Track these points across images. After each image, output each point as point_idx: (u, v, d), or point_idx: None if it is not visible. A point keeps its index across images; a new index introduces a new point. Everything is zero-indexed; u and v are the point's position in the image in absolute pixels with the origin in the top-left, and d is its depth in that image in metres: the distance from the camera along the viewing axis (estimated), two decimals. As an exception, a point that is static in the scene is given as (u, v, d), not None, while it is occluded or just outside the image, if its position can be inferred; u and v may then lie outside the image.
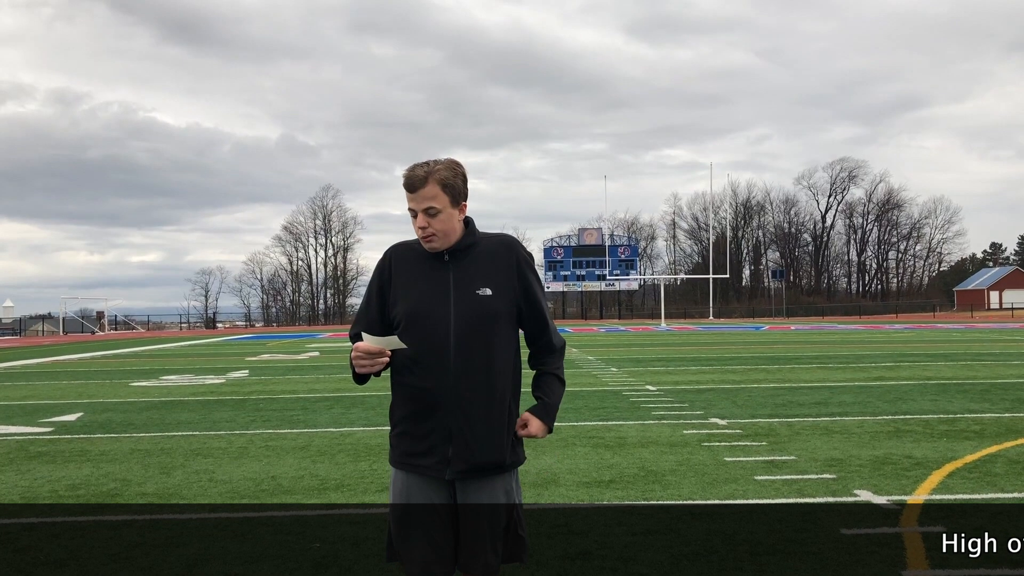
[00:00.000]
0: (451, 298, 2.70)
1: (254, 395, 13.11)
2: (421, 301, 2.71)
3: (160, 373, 18.29)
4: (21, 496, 6.13)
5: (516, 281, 2.76)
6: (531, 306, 2.80)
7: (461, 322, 2.68)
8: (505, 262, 2.76)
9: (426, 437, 2.70)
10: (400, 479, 2.79)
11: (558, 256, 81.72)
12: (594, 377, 15.24)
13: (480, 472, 2.72)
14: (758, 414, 9.83)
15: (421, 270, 2.76)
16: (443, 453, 2.69)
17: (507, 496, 2.79)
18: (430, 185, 2.68)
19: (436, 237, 2.71)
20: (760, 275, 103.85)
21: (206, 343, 37.02)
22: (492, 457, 2.72)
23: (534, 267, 2.85)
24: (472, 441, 2.68)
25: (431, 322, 2.68)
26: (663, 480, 6.28)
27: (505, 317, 2.74)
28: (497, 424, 2.72)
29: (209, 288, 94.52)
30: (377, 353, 2.60)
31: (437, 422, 2.68)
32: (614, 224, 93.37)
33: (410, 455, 2.74)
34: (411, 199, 2.70)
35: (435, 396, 2.67)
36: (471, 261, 2.75)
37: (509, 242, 2.83)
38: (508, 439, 2.75)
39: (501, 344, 2.73)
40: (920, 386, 12.79)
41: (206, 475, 6.78)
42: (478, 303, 2.69)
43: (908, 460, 6.92)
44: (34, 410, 11.51)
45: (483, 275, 2.73)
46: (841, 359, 19.09)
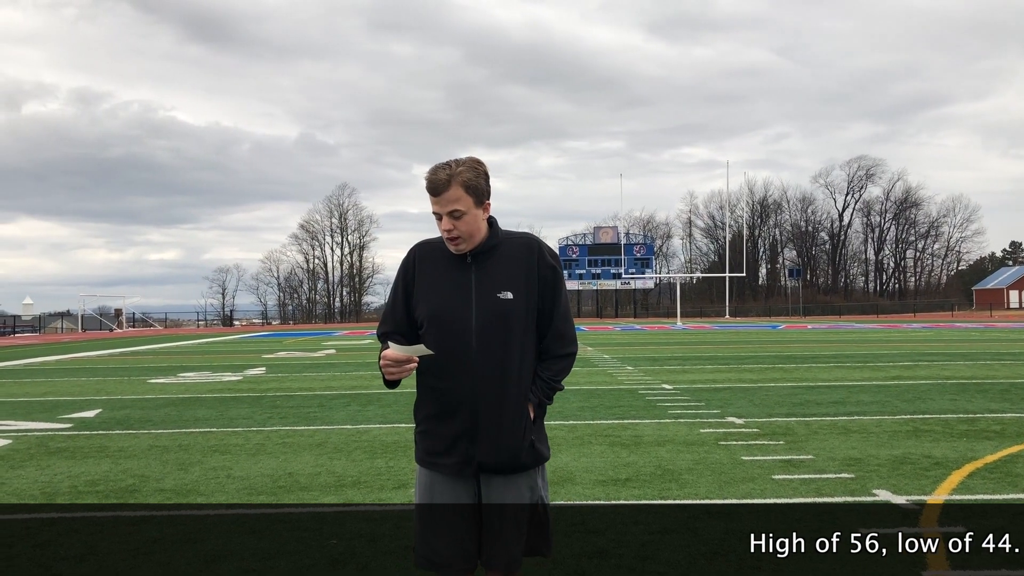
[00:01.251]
0: (473, 300, 2.70)
1: (271, 392, 13.16)
2: (444, 303, 2.72)
3: (178, 370, 18.39)
4: (41, 491, 6.18)
5: (537, 282, 2.76)
6: (543, 306, 2.79)
7: (482, 324, 2.68)
8: (527, 264, 2.76)
9: (449, 436, 2.72)
10: (424, 476, 2.80)
11: (573, 255, 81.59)
12: (610, 376, 15.21)
13: (504, 470, 2.72)
14: (775, 413, 9.78)
15: (445, 271, 2.76)
16: (466, 452, 2.70)
17: (531, 493, 2.79)
18: (453, 188, 2.66)
19: (461, 239, 2.70)
20: (777, 274, 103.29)
21: (223, 340, 37.22)
22: (515, 456, 2.73)
23: (557, 267, 2.82)
24: (495, 441, 2.69)
25: (453, 324, 2.69)
26: (680, 479, 6.25)
27: (525, 320, 2.74)
28: (519, 424, 2.73)
29: (226, 286, 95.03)
30: (404, 360, 2.61)
31: (460, 421, 2.70)
32: (630, 222, 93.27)
33: (433, 453, 2.76)
34: (435, 203, 2.69)
35: (458, 396, 2.69)
36: (493, 263, 2.75)
37: (532, 243, 2.81)
38: (530, 437, 2.76)
39: (522, 345, 2.74)
40: (939, 385, 12.69)
41: (223, 471, 6.81)
42: (499, 306, 2.70)
43: (927, 460, 6.86)
44: (54, 406, 11.60)
45: (505, 278, 2.73)
46: (859, 358, 18.97)
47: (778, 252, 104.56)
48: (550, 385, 2.83)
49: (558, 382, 2.87)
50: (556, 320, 2.82)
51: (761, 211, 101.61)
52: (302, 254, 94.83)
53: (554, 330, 2.82)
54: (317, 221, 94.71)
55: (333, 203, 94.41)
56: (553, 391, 2.86)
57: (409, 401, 2.96)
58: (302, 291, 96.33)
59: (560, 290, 2.82)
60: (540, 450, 2.81)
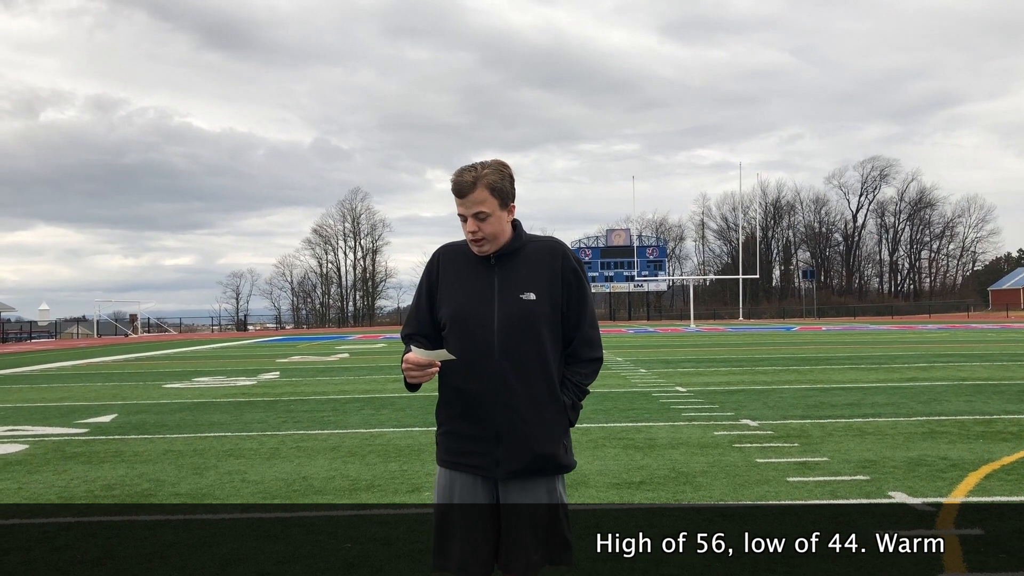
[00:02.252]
0: (495, 301, 2.71)
1: (285, 396, 13.21)
2: (466, 304, 2.73)
3: (192, 375, 18.47)
4: (58, 496, 6.22)
5: (560, 286, 2.76)
6: (567, 311, 2.78)
7: (505, 325, 2.69)
8: (550, 267, 2.76)
9: (474, 438, 2.72)
10: (445, 477, 2.80)
11: (586, 257, 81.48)
12: (623, 378, 15.19)
13: (528, 473, 2.72)
14: (790, 415, 9.75)
15: (468, 272, 2.77)
16: (492, 454, 2.70)
17: (549, 496, 2.78)
18: (479, 190, 2.67)
19: (486, 241, 2.71)
20: (790, 275, 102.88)
21: (237, 345, 37.36)
22: (540, 458, 2.72)
23: (581, 272, 2.82)
24: (520, 443, 2.69)
25: (475, 325, 2.70)
26: (694, 481, 6.24)
27: (548, 321, 2.74)
28: (544, 426, 2.72)
29: (240, 291, 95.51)
30: (427, 364, 2.62)
31: (484, 423, 2.70)
32: (642, 225, 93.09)
33: (458, 454, 2.76)
34: (460, 204, 2.70)
35: (481, 398, 2.69)
36: (517, 265, 2.75)
37: (556, 247, 2.82)
38: (555, 441, 2.75)
39: (545, 347, 2.73)
40: (955, 387, 12.61)
41: (238, 475, 6.83)
42: (521, 307, 2.70)
43: (943, 462, 6.82)
44: (70, 411, 11.67)
45: (528, 279, 2.73)
46: (873, 360, 18.87)
47: (792, 253, 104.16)
48: (581, 388, 2.83)
49: (587, 386, 2.87)
50: (583, 325, 2.82)
51: (774, 212, 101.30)
52: (315, 258, 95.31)
53: (581, 335, 2.82)
54: (330, 226, 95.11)
55: (346, 207, 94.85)
56: (583, 394, 2.85)
57: (424, 405, 2.99)
58: (315, 295, 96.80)
59: (585, 295, 2.82)
60: (567, 455, 2.80)
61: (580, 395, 2.83)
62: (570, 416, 2.80)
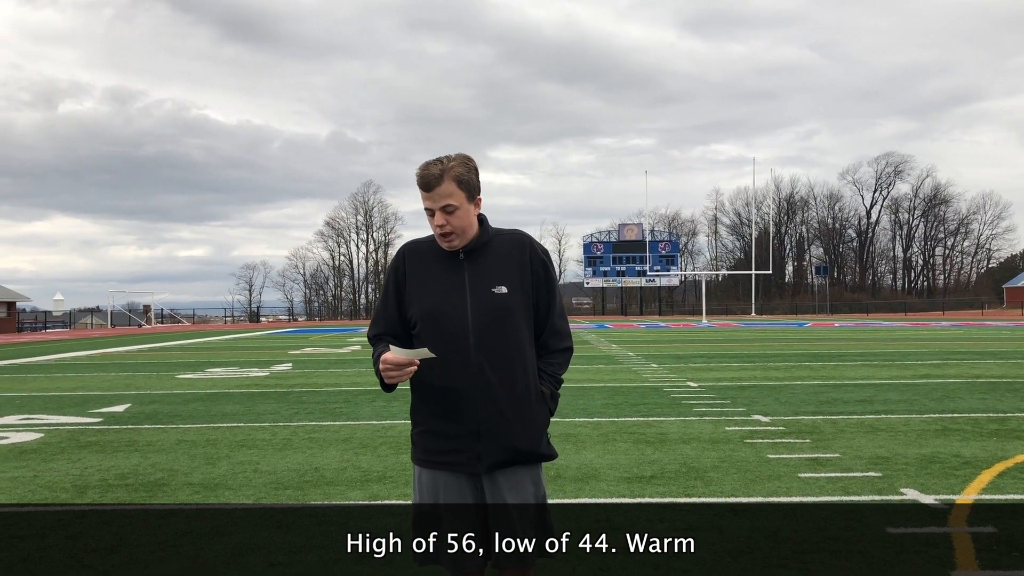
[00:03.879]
0: (467, 297, 2.70)
1: (297, 388, 13.25)
2: (438, 301, 2.71)
3: (205, 366, 18.57)
4: (73, 484, 6.27)
5: (529, 278, 2.76)
6: (537, 302, 2.79)
7: (478, 320, 2.68)
8: (519, 260, 2.76)
9: (453, 436, 2.71)
10: (427, 477, 2.77)
11: (598, 252, 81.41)
12: (635, 373, 15.17)
13: (509, 465, 2.72)
14: (801, 411, 9.72)
15: (437, 269, 2.75)
16: (473, 450, 2.69)
17: (535, 487, 2.78)
18: (446, 182, 2.65)
19: (455, 235, 2.70)
20: (803, 271, 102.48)
21: (250, 337, 37.51)
22: (521, 450, 2.71)
23: (549, 263, 2.83)
24: (501, 437, 2.69)
25: (449, 321, 2.68)
26: (705, 476, 6.23)
27: (522, 314, 2.74)
28: (522, 418, 2.72)
29: (253, 283, 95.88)
30: (405, 364, 2.60)
31: (463, 420, 2.69)
32: (655, 220, 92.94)
33: (437, 452, 2.74)
34: (427, 198, 2.68)
35: (459, 394, 2.68)
36: (486, 259, 2.75)
37: (523, 239, 2.82)
38: (535, 432, 2.75)
39: (519, 340, 2.73)
40: (968, 384, 12.55)
41: (251, 466, 6.87)
42: (494, 300, 2.69)
43: (956, 459, 6.79)
44: (84, 401, 11.76)
45: (498, 273, 2.73)
46: (886, 356, 18.79)
47: (805, 249, 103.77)
48: (556, 379, 2.84)
49: (561, 376, 2.89)
50: (552, 316, 2.83)
51: (788, 208, 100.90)
52: (328, 251, 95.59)
53: (550, 325, 2.83)
54: (343, 218, 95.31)
55: (359, 200, 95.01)
56: (559, 384, 2.87)
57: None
58: (328, 288, 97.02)
59: (553, 285, 2.83)
60: (549, 448, 2.81)
61: (556, 385, 2.84)
62: (550, 406, 2.80)
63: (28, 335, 47.87)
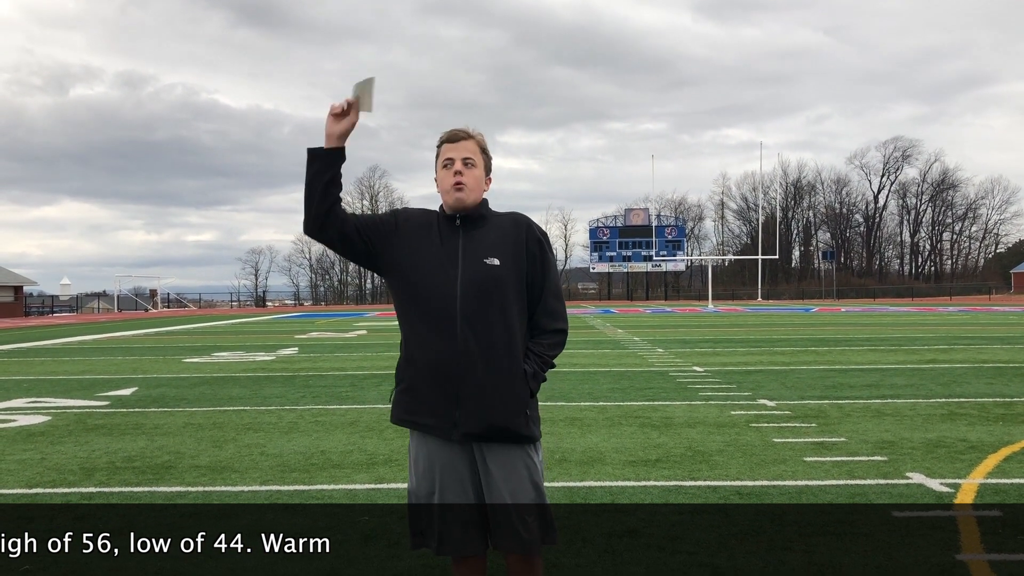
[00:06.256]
0: (459, 264, 2.72)
1: (303, 372, 13.29)
2: (429, 267, 2.73)
3: (212, 350, 18.62)
4: (80, 467, 6.30)
5: (524, 255, 2.78)
6: (531, 280, 2.80)
7: (468, 289, 2.69)
8: (515, 236, 2.79)
9: (433, 399, 2.71)
10: (422, 454, 2.79)
11: (604, 237, 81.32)
12: (640, 358, 15.17)
13: (492, 439, 2.71)
14: (807, 396, 9.71)
15: (431, 236, 2.78)
16: (451, 416, 2.70)
17: (528, 471, 2.77)
18: (472, 142, 2.81)
19: (466, 188, 2.75)
20: (810, 256, 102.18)
21: (256, 321, 37.60)
22: (496, 426, 2.70)
23: (545, 243, 2.85)
24: (478, 408, 2.68)
25: (438, 288, 2.70)
26: (710, 460, 6.23)
27: (513, 288, 2.74)
28: (503, 394, 2.71)
29: (259, 267, 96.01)
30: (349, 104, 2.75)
31: (445, 385, 2.69)
32: (661, 204, 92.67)
33: (415, 412, 2.75)
34: (451, 149, 2.78)
35: (442, 359, 2.68)
36: (482, 232, 2.78)
37: (521, 219, 2.86)
38: (515, 411, 2.73)
39: (506, 314, 2.73)
40: (975, 369, 12.52)
41: (257, 449, 6.89)
42: (486, 271, 2.71)
43: (962, 443, 6.78)
44: (91, 384, 11.80)
45: (493, 246, 2.76)
46: (893, 341, 18.75)
47: (812, 234, 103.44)
48: (543, 359, 2.81)
49: (551, 357, 2.85)
50: (546, 295, 2.83)
51: (795, 193, 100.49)
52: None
53: (544, 305, 2.83)
54: (348, 203, 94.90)
55: (364, 185, 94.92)
56: (547, 365, 2.84)
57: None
58: (333, 273, 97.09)
59: (549, 266, 2.84)
60: (530, 428, 2.77)
61: (543, 366, 2.81)
62: (531, 385, 2.77)
63: (35, 319, 48.06)
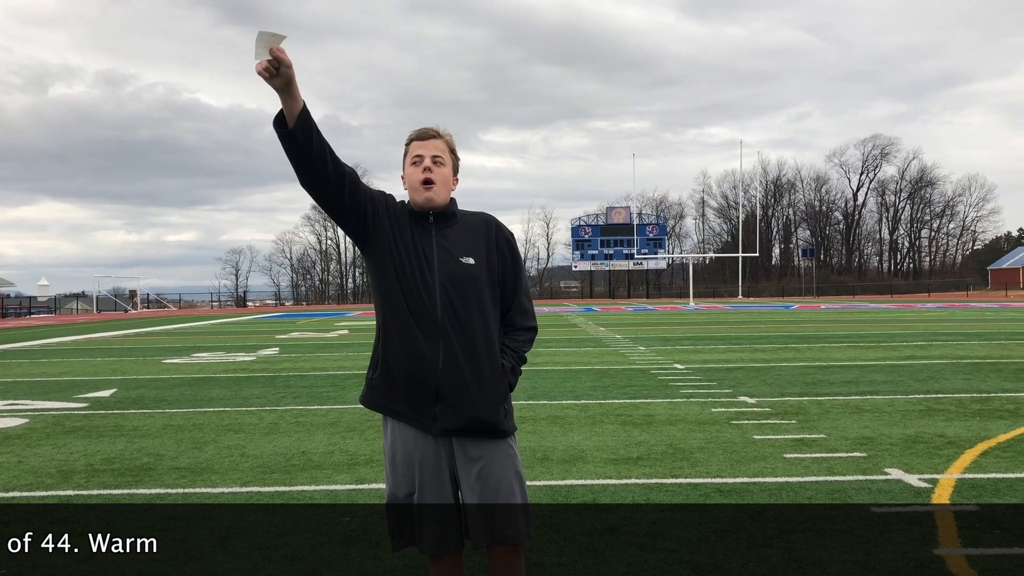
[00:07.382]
0: (435, 262, 2.76)
1: (284, 372, 13.23)
2: (407, 263, 2.75)
3: (192, 351, 18.50)
4: (58, 469, 6.24)
5: (496, 255, 2.84)
6: (503, 280, 2.86)
7: (445, 286, 2.74)
8: (485, 237, 2.85)
9: (412, 394, 2.73)
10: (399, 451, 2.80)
11: (585, 235, 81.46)
12: (622, 356, 15.21)
13: (471, 433, 2.73)
14: (787, 392, 9.77)
15: (409, 230, 2.80)
16: (430, 410, 2.72)
17: (512, 461, 2.80)
18: (442, 141, 2.84)
19: (435, 185, 2.78)
20: (790, 254, 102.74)
21: (237, 321, 37.39)
22: (478, 419, 2.73)
23: (514, 243, 2.93)
24: (459, 403, 2.71)
25: (416, 285, 2.73)
26: (691, 457, 6.26)
27: (487, 286, 2.80)
28: (483, 387, 2.74)
29: (239, 267, 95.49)
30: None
31: (424, 379, 2.71)
32: (643, 203, 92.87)
33: (393, 399, 2.77)
34: (421, 146, 2.81)
35: (422, 354, 2.70)
36: (454, 232, 2.83)
37: (490, 220, 2.92)
38: (495, 405, 2.76)
39: (484, 311, 2.78)
40: (953, 365, 12.64)
41: (237, 450, 6.86)
42: (462, 270, 2.76)
43: (940, 439, 6.84)
44: (69, 386, 11.70)
45: (466, 245, 2.81)
46: (872, 338, 18.90)
47: (792, 232, 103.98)
48: (519, 354, 2.91)
49: (525, 353, 2.96)
50: (519, 294, 2.92)
51: (775, 191, 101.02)
52: (315, 235, 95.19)
53: (517, 304, 2.92)
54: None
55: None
56: (522, 360, 2.94)
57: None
58: (315, 272, 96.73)
59: (519, 265, 2.93)
60: (508, 422, 2.83)
61: (519, 361, 2.91)
62: (510, 380, 2.86)
63: (12, 320, 47.58)
